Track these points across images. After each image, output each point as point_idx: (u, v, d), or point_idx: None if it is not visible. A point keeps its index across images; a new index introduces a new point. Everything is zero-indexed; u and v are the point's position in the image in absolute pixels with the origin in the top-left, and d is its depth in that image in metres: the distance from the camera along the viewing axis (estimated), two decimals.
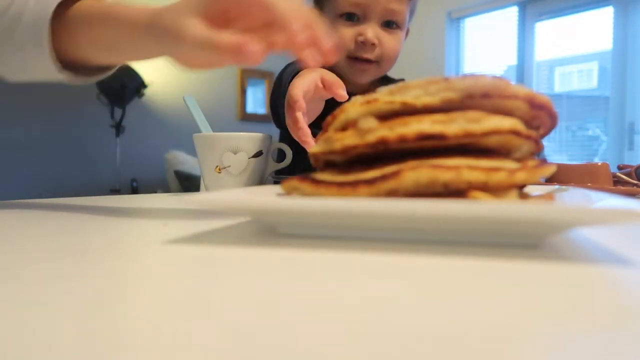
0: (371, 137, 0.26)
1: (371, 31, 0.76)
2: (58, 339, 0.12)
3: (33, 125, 2.56)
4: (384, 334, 0.12)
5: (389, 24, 0.78)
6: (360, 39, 0.76)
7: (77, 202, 0.56)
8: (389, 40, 0.78)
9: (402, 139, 0.25)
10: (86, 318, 0.14)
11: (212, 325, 0.13)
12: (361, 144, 0.26)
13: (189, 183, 2.58)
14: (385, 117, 0.27)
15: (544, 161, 0.27)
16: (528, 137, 0.27)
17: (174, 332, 0.13)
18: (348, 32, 0.77)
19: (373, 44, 0.76)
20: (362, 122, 0.27)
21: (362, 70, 0.80)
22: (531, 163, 0.27)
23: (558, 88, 3.13)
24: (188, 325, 0.13)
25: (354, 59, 0.78)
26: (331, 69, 0.83)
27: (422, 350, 0.11)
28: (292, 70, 0.69)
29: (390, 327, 0.13)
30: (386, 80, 0.91)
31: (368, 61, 0.78)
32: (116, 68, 0.53)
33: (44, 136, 2.59)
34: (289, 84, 0.56)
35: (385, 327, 0.13)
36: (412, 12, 0.83)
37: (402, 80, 0.95)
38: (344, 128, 0.29)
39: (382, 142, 0.26)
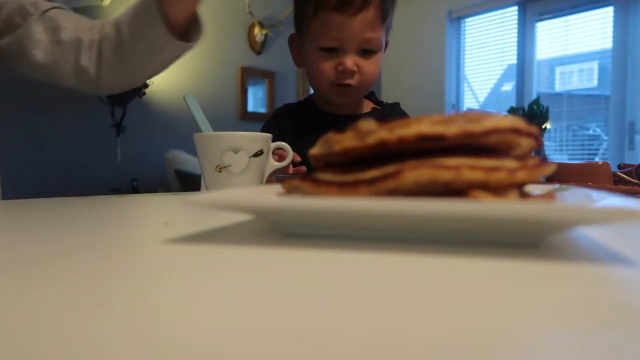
0: (371, 139, 0.26)
1: (350, 60, 0.83)
2: (58, 339, 0.12)
3: (33, 125, 2.56)
4: (384, 333, 0.12)
5: (366, 52, 0.84)
6: (341, 68, 0.83)
7: (77, 202, 0.56)
8: (367, 66, 0.85)
9: (402, 141, 0.25)
10: (86, 318, 0.14)
11: (213, 324, 0.13)
12: (361, 146, 0.26)
13: (189, 182, 2.58)
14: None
15: (544, 160, 0.27)
16: (529, 134, 0.27)
17: (175, 332, 0.13)
18: (328, 64, 0.85)
19: (353, 72, 0.84)
20: (361, 124, 0.27)
21: (344, 94, 0.88)
22: (531, 162, 0.26)
23: (558, 87, 3.13)
24: (188, 325, 0.13)
25: (336, 85, 0.86)
26: (318, 95, 0.93)
27: (423, 350, 0.11)
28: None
29: (391, 326, 0.13)
30: (379, 104, 0.99)
31: (349, 86, 0.86)
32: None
33: (44, 136, 2.59)
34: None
35: (386, 327, 0.13)
36: (388, 30, 0.88)
37: (396, 104, 0.99)
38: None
39: (382, 144, 0.26)
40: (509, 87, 3.26)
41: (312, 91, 0.96)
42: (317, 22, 0.82)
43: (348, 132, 0.28)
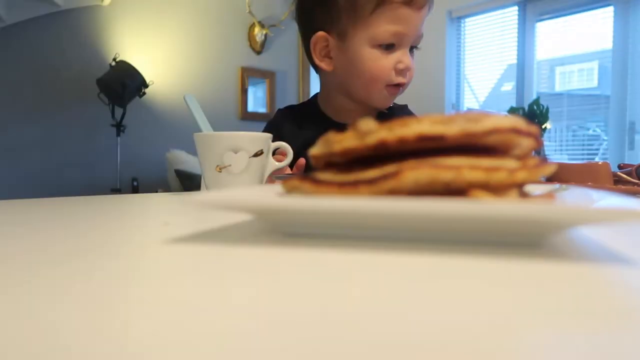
0: (371, 139, 0.26)
1: (407, 57, 0.79)
2: (58, 338, 0.12)
3: (33, 125, 2.56)
4: (385, 334, 0.12)
5: (412, 49, 0.82)
6: (401, 66, 0.79)
7: (78, 202, 0.56)
8: (413, 65, 0.82)
9: (402, 141, 0.25)
10: (86, 318, 0.14)
11: (213, 324, 0.13)
12: (361, 146, 0.26)
13: (189, 182, 2.58)
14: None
15: (544, 160, 0.27)
16: (529, 134, 0.27)
17: (175, 332, 0.13)
18: (387, 62, 0.79)
19: (409, 69, 0.80)
20: (361, 124, 0.27)
21: (394, 94, 0.83)
22: (532, 162, 0.27)
23: (558, 87, 3.12)
24: (189, 325, 0.13)
25: (391, 86, 0.81)
26: (349, 94, 0.86)
27: (423, 350, 0.11)
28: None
29: (391, 326, 0.13)
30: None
31: (400, 85, 0.81)
32: None
33: (45, 136, 2.59)
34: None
35: (386, 327, 0.13)
36: None
37: (404, 106, 0.95)
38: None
39: (382, 144, 0.26)
40: (509, 87, 3.26)
41: (312, 93, 0.92)
42: (380, 16, 0.76)
43: (348, 132, 0.28)
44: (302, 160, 0.74)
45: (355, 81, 0.82)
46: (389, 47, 0.78)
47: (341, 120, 0.88)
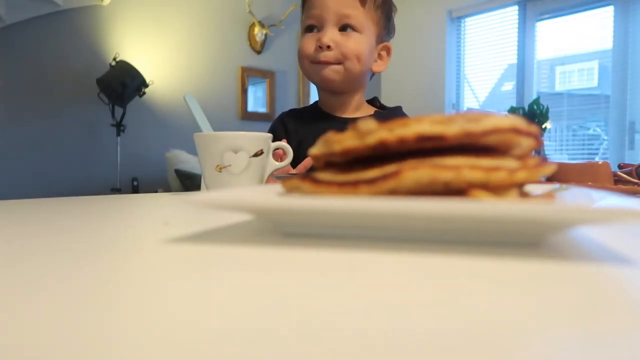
0: (371, 139, 0.26)
1: (326, 36, 0.88)
2: (57, 338, 0.12)
3: (33, 125, 2.56)
4: (385, 334, 0.12)
5: (344, 28, 0.89)
6: (318, 43, 0.89)
7: (77, 202, 0.56)
8: (346, 42, 0.89)
9: (402, 141, 0.25)
10: (86, 317, 0.14)
11: (213, 324, 0.13)
12: (361, 146, 0.26)
13: (189, 182, 2.58)
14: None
15: (544, 160, 0.27)
16: (528, 134, 0.27)
17: (175, 332, 0.13)
18: (309, 41, 0.91)
19: (328, 46, 0.88)
20: (361, 124, 0.27)
21: (325, 73, 0.91)
22: (532, 162, 0.26)
23: (559, 87, 3.13)
24: (188, 325, 0.13)
25: (316, 63, 0.91)
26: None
27: (423, 350, 0.11)
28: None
29: (391, 326, 0.13)
30: (382, 109, 1.01)
31: (328, 63, 0.89)
32: None
33: (44, 136, 2.59)
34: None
35: (386, 327, 0.13)
36: (384, 25, 0.93)
37: (398, 107, 1.00)
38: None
39: (382, 144, 0.26)
40: (509, 86, 3.26)
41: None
42: (305, 8, 0.92)
43: (348, 132, 0.28)
44: (308, 162, 0.77)
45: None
46: (312, 29, 0.91)
47: (333, 112, 0.97)
